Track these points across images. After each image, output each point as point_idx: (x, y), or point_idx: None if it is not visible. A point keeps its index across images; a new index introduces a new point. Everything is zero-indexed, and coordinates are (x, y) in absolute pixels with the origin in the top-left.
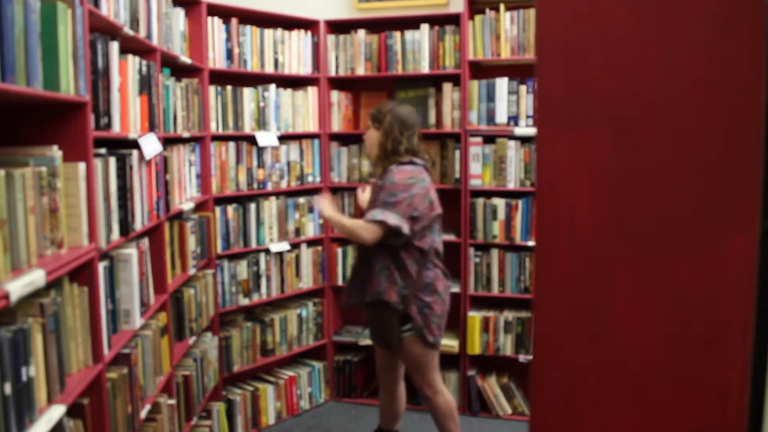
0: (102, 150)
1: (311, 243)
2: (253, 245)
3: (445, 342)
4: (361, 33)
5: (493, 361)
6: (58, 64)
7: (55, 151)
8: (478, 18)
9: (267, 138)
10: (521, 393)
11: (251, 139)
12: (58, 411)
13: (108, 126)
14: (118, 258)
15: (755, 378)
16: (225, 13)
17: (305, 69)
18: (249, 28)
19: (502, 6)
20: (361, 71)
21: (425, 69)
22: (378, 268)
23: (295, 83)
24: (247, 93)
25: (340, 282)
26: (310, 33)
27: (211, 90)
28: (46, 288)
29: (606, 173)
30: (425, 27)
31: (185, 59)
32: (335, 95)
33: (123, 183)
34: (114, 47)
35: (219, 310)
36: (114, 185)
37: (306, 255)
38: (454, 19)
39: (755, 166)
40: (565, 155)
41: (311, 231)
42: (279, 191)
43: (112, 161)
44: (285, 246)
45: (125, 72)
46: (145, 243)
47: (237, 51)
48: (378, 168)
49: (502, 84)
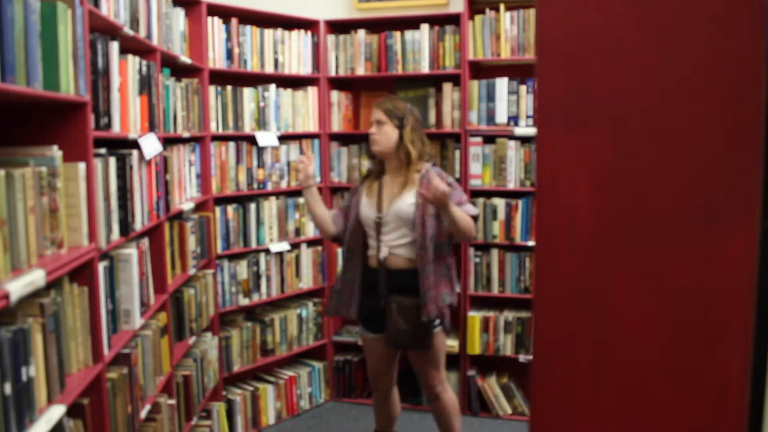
0: (102, 150)
1: (311, 243)
2: (253, 245)
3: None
4: (361, 33)
5: (493, 361)
6: (58, 64)
7: (55, 151)
8: (478, 18)
9: (267, 138)
10: (521, 393)
11: (251, 139)
12: (58, 411)
13: (108, 126)
14: (118, 258)
15: (755, 378)
16: (225, 13)
17: (305, 69)
18: (249, 28)
19: (502, 6)
20: (361, 71)
21: (425, 69)
22: (442, 270)
23: (295, 83)
24: (247, 93)
25: None
26: (310, 33)
27: (211, 90)
28: (46, 288)
29: (606, 173)
30: (425, 27)
31: (185, 59)
32: (335, 95)
33: (123, 183)
34: (114, 47)
35: (219, 310)
36: (114, 185)
37: (306, 255)
38: (454, 19)
39: (755, 166)
40: (565, 155)
41: (311, 231)
42: (279, 191)
43: (112, 161)
44: (285, 246)
45: (125, 72)
46: (145, 243)
47: (237, 51)
48: (391, 164)
49: (502, 84)
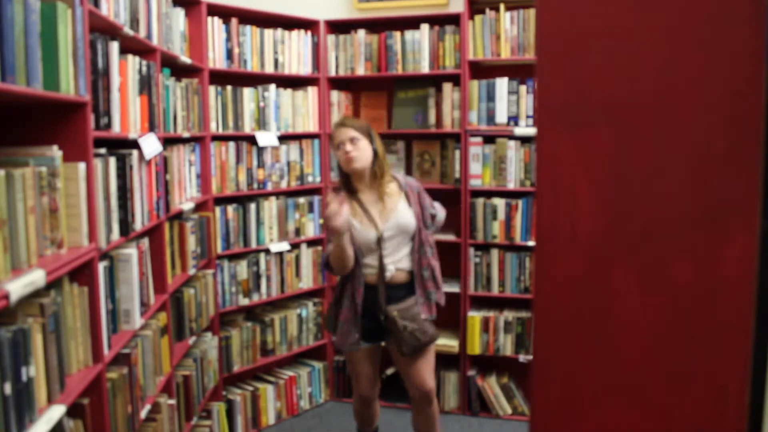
0: (102, 150)
1: (311, 243)
2: (253, 245)
3: (445, 342)
4: (361, 33)
5: (493, 361)
6: (58, 64)
7: (55, 151)
8: (478, 18)
9: (267, 138)
10: (521, 393)
11: (251, 139)
12: (58, 411)
13: (108, 126)
14: (118, 258)
15: (755, 378)
16: (225, 13)
17: (305, 69)
18: (249, 28)
19: (502, 6)
20: (361, 71)
21: (425, 69)
22: (431, 261)
23: (295, 83)
24: (247, 93)
25: None
26: (310, 33)
27: (211, 90)
28: (46, 288)
29: (606, 173)
30: (425, 27)
31: (185, 59)
32: (335, 95)
33: (123, 183)
34: (114, 47)
35: (219, 310)
36: (114, 185)
37: (306, 255)
38: (454, 19)
39: (755, 166)
40: (565, 155)
41: (311, 231)
42: (279, 191)
43: (112, 161)
44: (285, 246)
45: (125, 72)
46: (145, 243)
47: (237, 51)
48: (365, 180)
49: (502, 84)
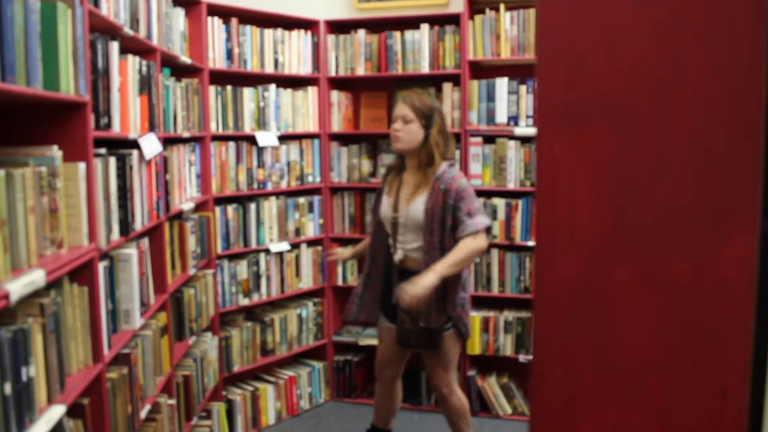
0: (102, 150)
1: (311, 243)
2: (253, 245)
3: None
4: (361, 33)
5: (493, 361)
6: (58, 64)
7: (55, 151)
8: (478, 18)
9: (267, 138)
10: (521, 393)
11: (251, 139)
12: (58, 411)
13: (108, 126)
14: (118, 258)
15: (755, 378)
16: (225, 13)
17: (305, 69)
18: (249, 28)
19: (502, 6)
20: (361, 71)
21: (425, 69)
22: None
23: (295, 83)
24: (247, 93)
25: (339, 282)
26: (310, 33)
27: (211, 90)
28: (46, 288)
29: (606, 173)
30: (425, 27)
31: (185, 59)
32: (335, 95)
33: (123, 183)
34: (114, 47)
35: (219, 310)
36: (114, 185)
37: (306, 255)
38: (454, 19)
39: (755, 166)
40: (565, 155)
41: (311, 231)
42: (279, 191)
43: (112, 161)
44: (285, 246)
45: (125, 72)
46: (145, 243)
47: (237, 51)
48: (412, 161)
49: (502, 84)
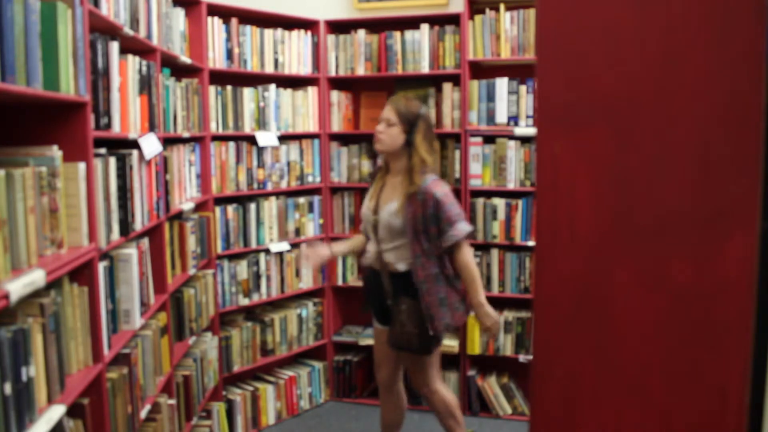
0: (102, 150)
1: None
2: (253, 245)
3: (445, 342)
4: (361, 33)
5: (493, 361)
6: (58, 64)
7: (55, 151)
8: (478, 18)
9: (267, 138)
10: (521, 393)
11: (251, 139)
12: (58, 411)
13: (108, 126)
14: (118, 258)
15: (755, 378)
16: (225, 13)
17: (305, 69)
18: (249, 28)
19: (502, 6)
20: (361, 71)
21: (425, 69)
22: (433, 276)
23: (295, 83)
24: (247, 93)
25: (339, 282)
26: (310, 33)
27: (211, 90)
28: (46, 288)
29: (606, 173)
30: (425, 27)
31: (185, 59)
32: (335, 95)
33: (123, 183)
34: (114, 47)
35: (219, 310)
36: (114, 185)
37: None
38: (454, 19)
39: (755, 166)
40: (565, 155)
41: (311, 231)
42: (279, 191)
43: (112, 161)
44: (285, 246)
45: (125, 72)
46: (145, 243)
47: (237, 51)
48: (395, 165)
49: (502, 84)
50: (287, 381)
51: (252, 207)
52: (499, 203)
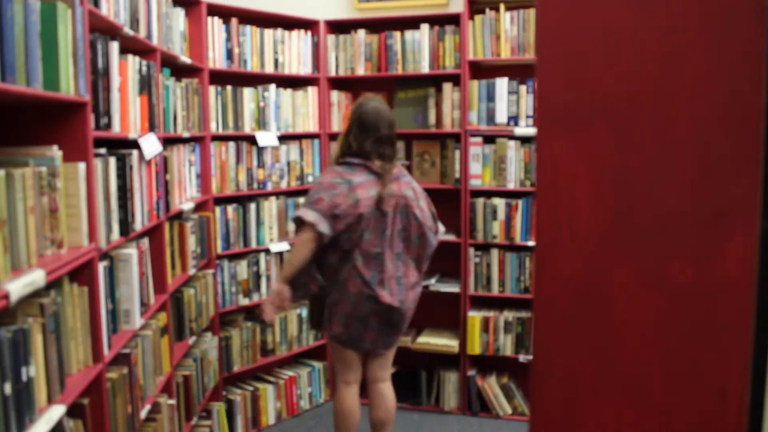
0: (102, 150)
1: None
2: (253, 245)
3: (445, 342)
4: (361, 33)
5: (493, 361)
6: (58, 64)
7: (55, 151)
8: (478, 18)
9: (267, 138)
10: (521, 393)
11: (251, 139)
12: (58, 411)
13: (108, 126)
14: (118, 258)
15: (755, 378)
16: (225, 13)
17: (305, 69)
18: (249, 28)
19: (502, 6)
20: (361, 71)
21: (425, 69)
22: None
23: (295, 83)
24: (247, 93)
25: None
26: (310, 33)
27: (211, 90)
28: (46, 288)
29: (606, 173)
30: (425, 27)
31: (185, 59)
32: (335, 95)
33: (123, 183)
34: (114, 47)
35: (219, 310)
36: (114, 185)
37: None
38: (454, 19)
39: (755, 166)
40: (565, 155)
41: None
42: (279, 191)
43: (112, 161)
44: (285, 246)
45: (125, 72)
46: (145, 243)
47: (237, 51)
48: None
49: (502, 84)
50: (287, 381)
51: (252, 207)
52: (499, 203)
